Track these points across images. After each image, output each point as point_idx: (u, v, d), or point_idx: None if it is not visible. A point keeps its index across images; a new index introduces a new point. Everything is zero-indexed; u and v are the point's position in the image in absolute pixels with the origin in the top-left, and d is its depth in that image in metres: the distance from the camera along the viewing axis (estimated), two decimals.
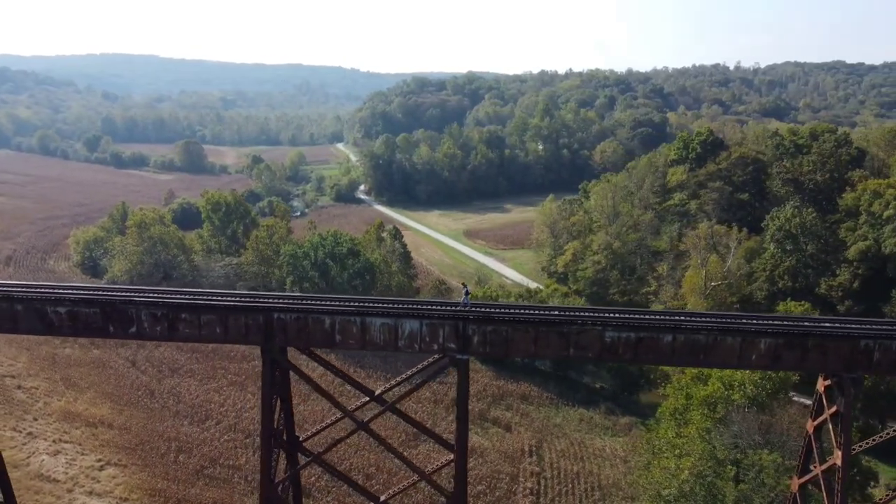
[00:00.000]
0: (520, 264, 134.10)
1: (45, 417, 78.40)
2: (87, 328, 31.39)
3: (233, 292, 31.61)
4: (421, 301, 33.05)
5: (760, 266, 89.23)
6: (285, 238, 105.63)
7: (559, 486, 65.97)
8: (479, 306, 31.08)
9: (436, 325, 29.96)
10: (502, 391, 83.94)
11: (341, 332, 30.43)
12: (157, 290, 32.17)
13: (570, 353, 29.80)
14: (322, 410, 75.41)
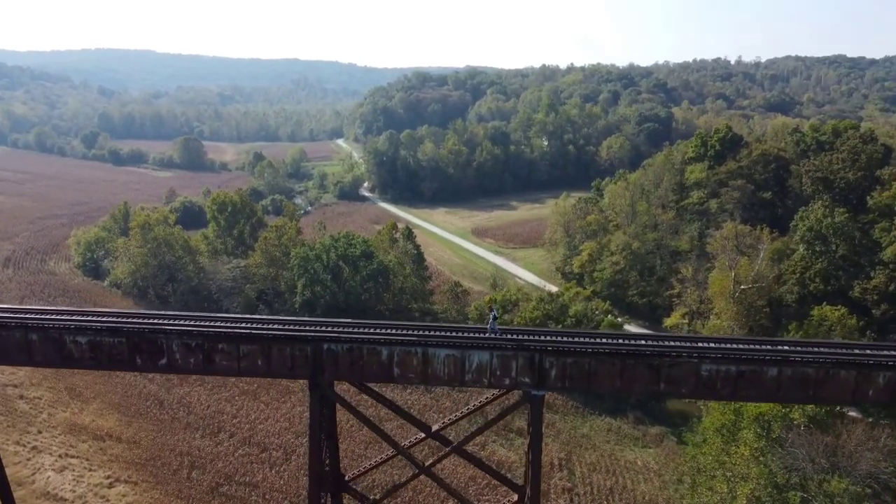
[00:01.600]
0: (532, 264, 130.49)
1: (50, 430, 74.55)
2: (112, 360, 27.64)
3: (276, 318, 27.88)
4: (456, 327, 29.48)
5: (790, 268, 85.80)
6: (294, 239, 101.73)
7: (594, 503, 62.54)
8: (540, 333, 27.46)
9: (508, 356, 26.32)
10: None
11: (400, 365, 26.78)
12: (191, 317, 28.37)
13: (661, 388, 26.21)
14: (364, 442, 70.10)
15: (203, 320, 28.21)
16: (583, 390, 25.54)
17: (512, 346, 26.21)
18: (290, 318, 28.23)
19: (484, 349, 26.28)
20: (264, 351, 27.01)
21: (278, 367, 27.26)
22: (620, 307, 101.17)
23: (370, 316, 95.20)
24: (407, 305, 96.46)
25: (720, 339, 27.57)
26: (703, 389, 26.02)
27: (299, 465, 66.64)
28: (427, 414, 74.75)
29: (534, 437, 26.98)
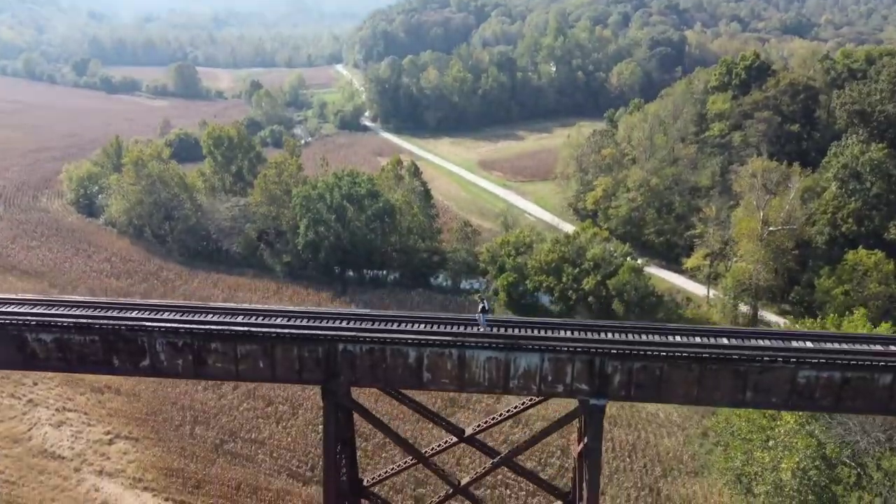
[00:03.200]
0: (542, 199, 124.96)
1: (46, 381, 70.95)
2: (84, 362, 22.91)
3: (280, 310, 23.00)
4: (449, 319, 24.59)
5: (820, 208, 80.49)
6: (296, 176, 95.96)
7: (616, 460, 59.36)
8: (555, 327, 22.64)
9: (563, 360, 21.54)
10: None
11: (431, 370, 22.06)
12: (178, 308, 23.41)
13: (746, 398, 21.57)
14: (383, 442, 59.75)
15: (192, 312, 23.27)
16: (650, 400, 20.66)
17: (568, 347, 21.39)
18: (297, 311, 23.31)
19: (533, 351, 21.47)
20: (267, 352, 22.25)
21: (284, 370, 22.54)
22: (636, 246, 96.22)
23: (377, 257, 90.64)
24: (414, 245, 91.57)
25: (819, 335, 22.65)
26: (797, 399, 21.38)
27: (307, 421, 63.30)
28: (448, 411, 69.97)
29: (591, 450, 22.50)
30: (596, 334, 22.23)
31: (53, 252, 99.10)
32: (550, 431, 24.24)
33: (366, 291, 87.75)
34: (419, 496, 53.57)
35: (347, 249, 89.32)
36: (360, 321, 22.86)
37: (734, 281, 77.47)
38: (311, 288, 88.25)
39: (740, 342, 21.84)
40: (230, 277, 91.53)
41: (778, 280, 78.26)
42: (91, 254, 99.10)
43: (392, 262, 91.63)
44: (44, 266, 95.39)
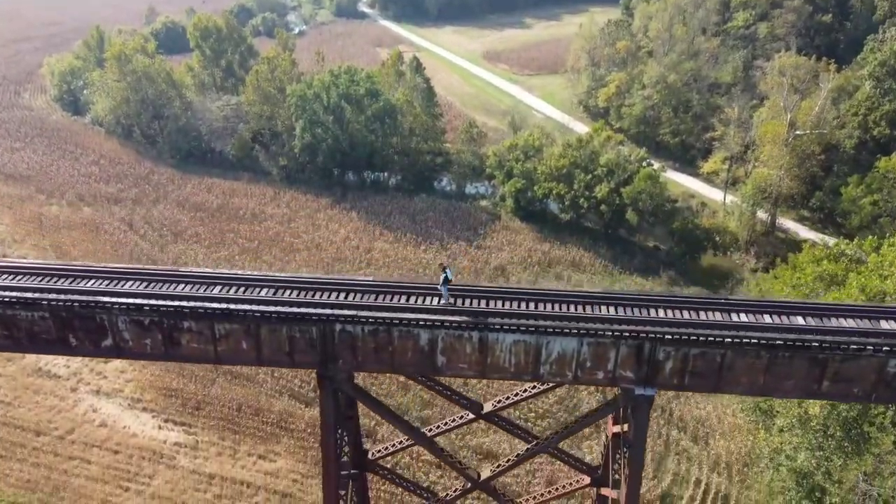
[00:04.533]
0: (550, 94, 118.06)
1: None
2: (35, 341, 19.25)
3: (266, 278, 19.06)
4: (410, 286, 20.39)
5: (851, 109, 74.75)
6: (290, 73, 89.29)
7: None
8: (652, 303, 18.78)
9: (606, 345, 17.84)
10: (549, 257, 73.22)
11: (447, 353, 18.41)
12: (144, 275, 19.43)
13: (822, 389, 18.04)
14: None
15: (160, 281, 19.31)
16: (705, 390, 17.12)
17: (613, 330, 17.62)
18: (286, 279, 19.33)
19: (569, 335, 17.72)
20: (250, 332, 18.54)
21: (272, 353, 18.89)
22: (650, 147, 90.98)
23: (377, 160, 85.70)
24: (417, 147, 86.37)
25: None
26: (884, 391, 17.87)
27: None
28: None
29: (633, 444, 19.16)
30: (643, 311, 18.38)
31: (39, 154, 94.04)
32: (588, 422, 20.78)
33: (366, 197, 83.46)
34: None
35: (346, 152, 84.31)
36: (362, 293, 18.92)
37: (754, 187, 73.04)
38: (309, 193, 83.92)
39: (819, 322, 18.02)
40: (225, 182, 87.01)
41: (799, 186, 73.82)
42: (78, 156, 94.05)
43: (394, 165, 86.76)
44: (29, 170, 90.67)
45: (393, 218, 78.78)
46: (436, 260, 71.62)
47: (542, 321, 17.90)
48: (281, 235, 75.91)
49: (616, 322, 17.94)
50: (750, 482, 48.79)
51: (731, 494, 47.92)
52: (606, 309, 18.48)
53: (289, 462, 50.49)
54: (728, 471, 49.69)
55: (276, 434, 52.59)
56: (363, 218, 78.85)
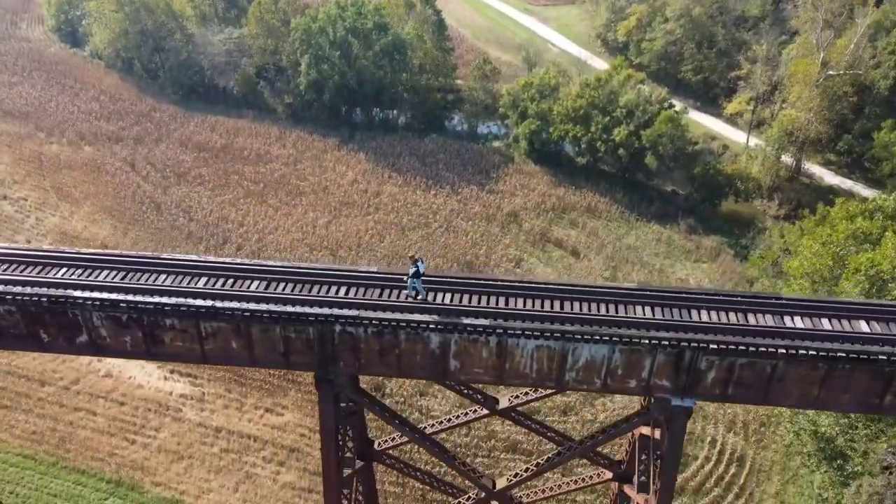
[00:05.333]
0: (566, 26, 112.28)
1: (40, 239, 66.55)
2: (1, 336, 17.33)
3: (257, 266, 16.87)
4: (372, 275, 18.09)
5: (888, 47, 70.15)
6: (294, 5, 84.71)
7: None
8: (694, 302, 16.50)
9: (641, 352, 15.72)
10: (564, 203, 70.54)
11: (460, 357, 16.37)
12: (122, 263, 17.27)
13: (884, 403, 15.96)
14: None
15: (139, 270, 17.15)
16: (751, 402, 15.03)
17: (649, 340, 15.45)
18: (280, 268, 17.13)
19: (599, 342, 15.56)
20: (240, 331, 16.50)
21: (265, 353, 16.89)
22: (670, 85, 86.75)
23: (386, 97, 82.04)
24: (427, 84, 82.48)
25: None
26: None
27: None
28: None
29: (669, 455, 17.24)
30: (684, 313, 16.13)
31: (37, 89, 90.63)
32: (621, 432, 18.71)
33: (375, 137, 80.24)
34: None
35: (354, 89, 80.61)
36: (365, 287, 16.71)
37: (780, 130, 69.45)
38: (315, 133, 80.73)
39: (886, 329, 15.75)
40: (229, 120, 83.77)
41: (828, 129, 70.13)
42: (78, 91, 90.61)
43: (403, 103, 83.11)
44: (28, 105, 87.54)
45: (402, 160, 75.85)
46: (446, 205, 69.19)
47: (570, 325, 15.70)
48: (287, 178, 73.36)
49: (653, 326, 15.74)
50: (766, 442, 47.62)
51: (746, 455, 46.82)
52: (642, 310, 16.24)
53: (296, 416, 49.60)
54: (744, 430, 48.45)
55: (283, 387, 51.58)
56: (371, 160, 75.95)
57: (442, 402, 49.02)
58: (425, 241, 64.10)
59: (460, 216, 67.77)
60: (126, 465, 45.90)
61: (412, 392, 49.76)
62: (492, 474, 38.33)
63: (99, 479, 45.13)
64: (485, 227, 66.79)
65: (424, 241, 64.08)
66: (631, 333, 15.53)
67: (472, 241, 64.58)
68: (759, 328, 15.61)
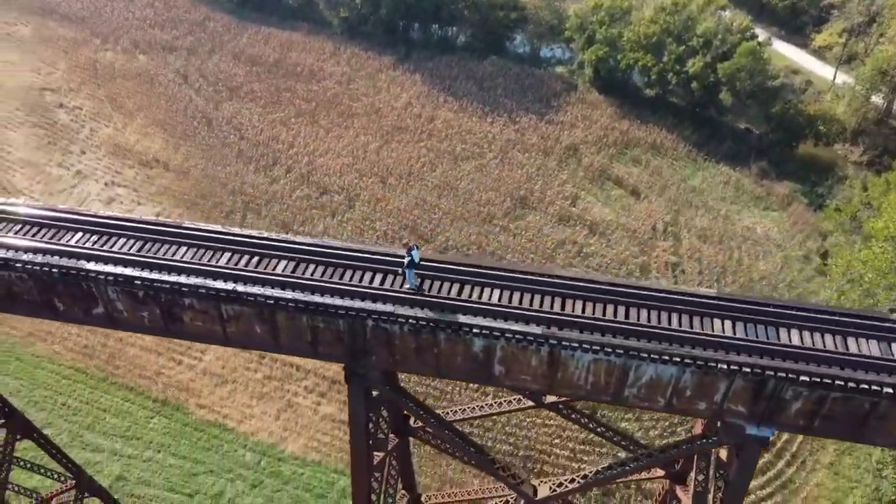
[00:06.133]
0: None
1: (94, 150, 66.36)
2: (15, 302, 16.13)
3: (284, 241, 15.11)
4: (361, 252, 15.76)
5: None
6: None
7: (701, 285, 52.67)
8: (784, 316, 14.11)
9: (716, 375, 13.55)
10: (627, 138, 66.48)
11: (506, 363, 14.48)
12: (137, 232, 15.70)
13: None
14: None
15: (160, 239, 15.53)
16: (841, 437, 12.84)
17: (728, 365, 13.21)
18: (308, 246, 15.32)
19: (668, 362, 13.40)
20: (263, 317, 14.91)
21: (291, 340, 15.30)
22: (752, 11, 79.68)
23: (445, 13, 77.56)
24: (490, 0, 77.41)
25: None
26: None
27: (364, 216, 57.75)
28: None
29: (737, 484, 15.24)
30: (770, 331, 13.74)
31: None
32: (688, 452, 16.57)
33: (431, 57, 76.48)
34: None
35: (411, 2, 76.45)
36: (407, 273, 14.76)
37: (874, 68, 63.16)
38: (371, 50, 77.37)
39: None
40: (282, 33, 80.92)
41: None
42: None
43: (463, 20, 78.61)
44: (84, 10, 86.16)
45: (459, 83, 72.28)
46: (502, 135, 65.98)
47: (635, 339, 13.55)
48: (339, 97, 70.89)
49: (733, 347, 13.44)
50: None
51: None
52: (721, 324, 13.90)
53: None
54: None
55: None
56: (427, 82, 72.58)
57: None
58: (478, 173, 61.51)
59: (516, 147, 64.62)
60: (172, 386, 46.45)
61: None
62: (531, 468, 37.19)
63: (146, 397, 45.82)
64: (541, 160, 63.60)
65: (477, 173, 61.49)
66: (706, 356, 13.31)
67: (528, 174, 61.65)
68: (862, 359, 13.19)
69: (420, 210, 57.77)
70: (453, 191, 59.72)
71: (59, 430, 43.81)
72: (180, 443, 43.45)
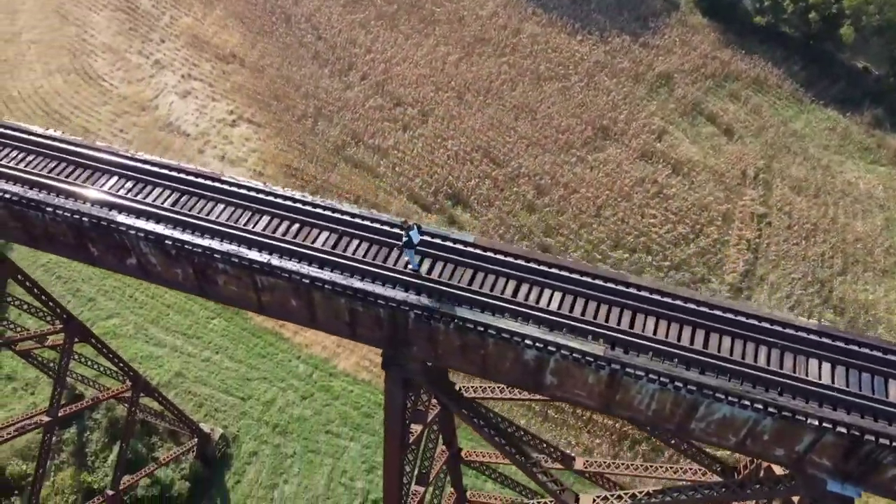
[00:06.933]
0: None
1: (172, 40, 65.44)
2: (53, 242, 15.34)
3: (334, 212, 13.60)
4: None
5: None
6: None
7: (787, 242, 48.98)
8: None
9: (803, 426, 11.59)
10: (728, 70, 60.96)
11: (559, 375, 12.86)
12: (180, 182, 14.42)
13: None
14: None
15: (197, 193, 14.26)
16: None
17: (819, 420, 11.22)
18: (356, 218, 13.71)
19: (747, 407, 11.50)
20: (299, 293, 13.62)
21: (329, 319, 14.03)
22: None
23: None
24: None
25: None
26: None
27: (436, 132, 55.55)
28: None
29: None
30: (877, 381, 11.58)
31: None
32: (755, 495, 14.73)
33: None
34: None
35: None
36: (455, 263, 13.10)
37: None
38: None
39: None
40: None
41: None
42: None
43: None
44: None
45: None
46: (591, 55, 61.46)
47: (711, 376, 11.64)
48: (422, 0, 67.13)
49: (828, 399, 11.38)
50: None
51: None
52: (818, 366, 11.78)
53: None
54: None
55: None
56: None
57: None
58: (560, 96, 57.84)
59: (604, 71, 60.19)
60: None
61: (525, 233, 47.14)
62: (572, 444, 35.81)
63: None
64: (630, 87, 59.18)
65: (559, 96, 57.83)
66: (794, 406, 11.32)
67: (613, 102, 57.59)
68: None
69: (495, 132, 55.10)
70: (532, 113, 56.53)
71: (125, 321, 45.21)
72: (237, 347, 44.27)
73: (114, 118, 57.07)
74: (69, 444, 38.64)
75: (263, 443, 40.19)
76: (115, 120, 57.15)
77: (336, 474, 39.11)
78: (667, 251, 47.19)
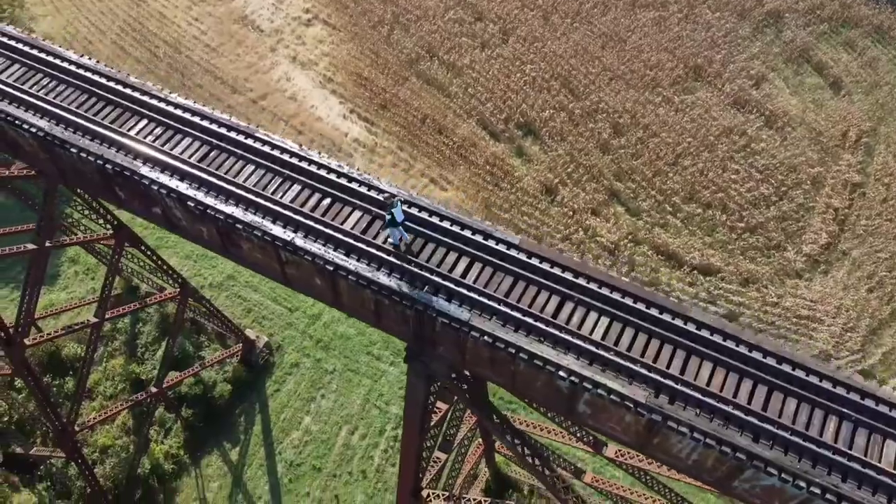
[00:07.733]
0: None
1: None
2: (83, 180, 14.56)
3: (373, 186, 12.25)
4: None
5: None
6: None
7: (880, 216, 44.95)
8: None
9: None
10: (848, 13, 54.67)
11: (593, 406, 11.55)
12: (211, 134, 13.18)
13: None
14: None
15: (226, 148, 13.04)
16: None
17: None
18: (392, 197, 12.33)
19: (802, 489, 10.00)
20: (323, 274, 12.51)
21: (353, 304, 12.94)
22: None
23: None
24: None
25: None
26: None
27: (515, 55, 52.31)
28: None
29: None
30: None
31: None
32: None
33: None
34: None
35: None
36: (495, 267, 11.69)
37: None
38: None
39: None
40: None
41: None
42: None
43: None
44: None
45: None
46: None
47: (765, 446, 10.12)
48: None
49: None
50: None
51: None
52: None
53: (458, 195, 46.97)
54: None
55: (454, 160, 48.36)
56: None
57: None
58: (654, 27, 53.31)
59: (707, 2, 54.93)
60: None
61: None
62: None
63: None
64: (733, 23, 53.95)
65: (653, 27, 53.31)
66: (857, 497, 9.77)
67: (712, 39, 52.72)
68: None
69: (578, 59, 51.56)
70: (621, 43, 52.45)
71: None
72: None
73: (190, 5, 55.97)
74: (122, 333, 39.98)
75: (306, 356, 40.70)
76: (191, 7, 56.09)
77: (372, 396, 39.45)
78: (744, 211, 43.99)
